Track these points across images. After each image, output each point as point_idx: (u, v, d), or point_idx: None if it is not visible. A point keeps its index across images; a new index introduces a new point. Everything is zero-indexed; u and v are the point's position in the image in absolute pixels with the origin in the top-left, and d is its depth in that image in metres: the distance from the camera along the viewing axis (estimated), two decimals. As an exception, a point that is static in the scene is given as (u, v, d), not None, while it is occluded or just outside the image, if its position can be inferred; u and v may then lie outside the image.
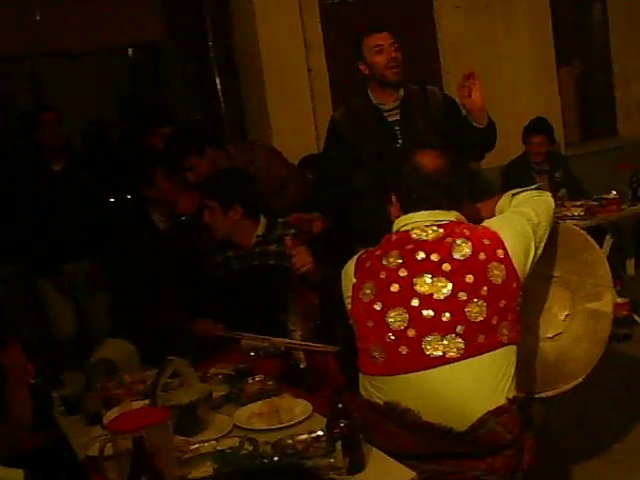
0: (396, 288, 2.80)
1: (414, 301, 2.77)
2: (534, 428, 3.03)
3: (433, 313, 2.74)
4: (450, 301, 2.75)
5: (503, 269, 2.79)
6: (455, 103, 4.38)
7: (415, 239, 2.88)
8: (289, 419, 2.95)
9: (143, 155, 5.60)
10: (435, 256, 2.81)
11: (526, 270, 2.88)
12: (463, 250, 2.80)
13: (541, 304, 3.32)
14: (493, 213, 3.19)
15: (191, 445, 2.76)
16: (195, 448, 2.74)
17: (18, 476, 2.53)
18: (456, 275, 2.77)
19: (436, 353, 2.72)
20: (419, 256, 2.83)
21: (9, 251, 5.24)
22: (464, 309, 2.73)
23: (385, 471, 2.53)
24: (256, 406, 3.10)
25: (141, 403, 3.11)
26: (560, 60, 8.07)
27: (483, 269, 2.77)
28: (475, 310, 2.73)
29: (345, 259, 3.08)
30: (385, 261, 2.87)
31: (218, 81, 6.70)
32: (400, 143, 4.33)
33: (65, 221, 5.26)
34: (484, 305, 2.74)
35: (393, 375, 2.78)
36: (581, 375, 3.26)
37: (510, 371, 2.80)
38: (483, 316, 2.74)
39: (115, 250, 4.79)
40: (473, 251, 2.80)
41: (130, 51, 7.69)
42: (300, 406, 3.05)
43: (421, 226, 2.90)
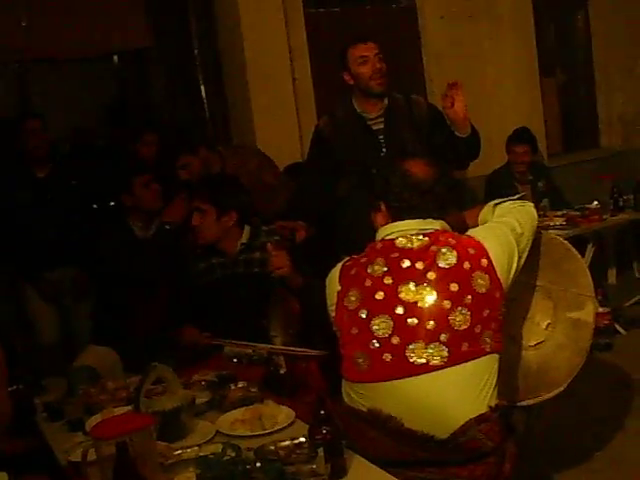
0: (381, 296, 2.81)
1: (399, 309, 2.78)
2: (516, 436, 3.04)
3: (417, 321, 2.75)
4: (434, 309, 2.75)
5: (487, 278, 2.81)
6: (439, 112, 4.40)
7: (400, 247, 2.89)
8: (272, 426, 2.96)
9: (123, 163, 5.63)
10: (420, 264, 2.82)
11: (509, 280, 2.90)
12: (448, 259, 2.81)
13: (524, 313, 3.34)
14: (476, 222, 3.21)
15: (174, 451, 2.76)
16: (178, 454, 2.74)
17: (2, 479, 2.53)
18: (441, 283, 2.78)
19: (420, 361, 2.73)
20: (404, 264, 2.84)
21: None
22: (448, 317, 2.74)
23: (367, 478, 2.54)
24: (239, 412, 3.10)
25: (124, 409, 3.11)
26: (543, 71, 8.14)
27: (468, 278, 2.79)
28: (459, 319, 2.74)
29: (328, 267, 3.09)
30: (370, 269, 2.88)
31: (203, 88, 6.71)
32: (384, 152, 4.34)
33: (50, 228, 5.25)
34: (468, 314, 2.75)
35: (376, 382, 2.78)
36: (563, 384, 3.29)
37: (492, 379, 2.81)
38: (467, 325, 2.75)
39: (94, 258, 4.79)
40: (458, 260, 2.81)
41: (115, 57, 7.68)
42: (283, 413, 3.06)
43: (406, 234, 2.91)
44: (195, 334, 4.09)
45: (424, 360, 2.72)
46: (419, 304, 2.76)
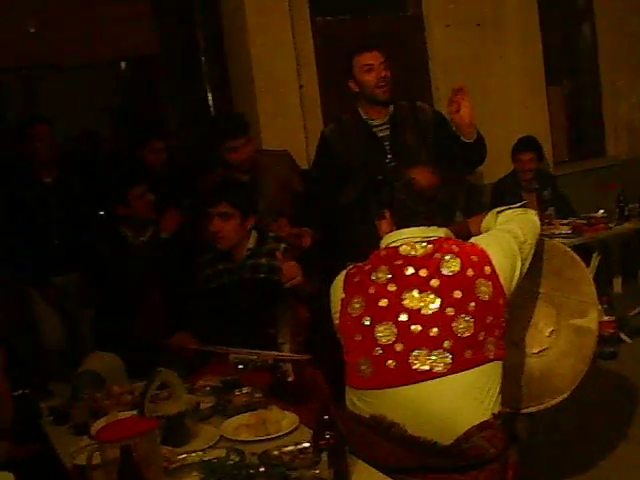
0: (385, 303, 2.82)
1: (402, 316, 2.79)
2: (519, 444, 3.05)
3: (421, 328, 2.76)
4: (438, 316, 2.77)
5: (490, 285, 2.82)
6: (445, 118, 4.42)
7: (404, 255, 2.90)
8: (276, 431, 2.97)
9: (129, 170, 5.64)
10: (424, 272, 2.84)
11: (512, 287, 2.91)
12: (451, 266, 2.83)
13: (527, 320, 3.35)
14: (480, 229, 3.23)
15: (178, 455, 2.77)
16: (182, 458, 2.76)
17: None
18: (444, 291, 2.79)
19: (423, 368, 2.74)
20: (408, 271, 2.85)
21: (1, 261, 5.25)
22: (452, 324, 2.75)
23: (370, 483, 2.56)
24: (243, 418, 3.12)
25: (128, 414, 3.12)
26: (549, 79, 8.13)
27: (471, 285, 2.80)
28: (462, 325, 2.75)
29: (334, 273, 3.10)
30: (374, 276, 2.89)
31: (210, 95, 6.74)
32: (389, 158, 4.36)
33: (55, 232, 5.27)
34: (471, 321, 2.76)
35: (380, 389, 2.80)
36: (566, 391, 3.29)
37: (496, 387, 2.82)
38: (470, 332, 2.76)
39: (90, 264, 4.82)
40: (461, 267, 2.82)
41: (123, 64, 7.71)
42: (287, 418, 3.07)
43: (410, 242, 2.93)
44: (184, 339, 4.09)
45: (427, 367, 2.73)
46: (423, 311, 2.77)
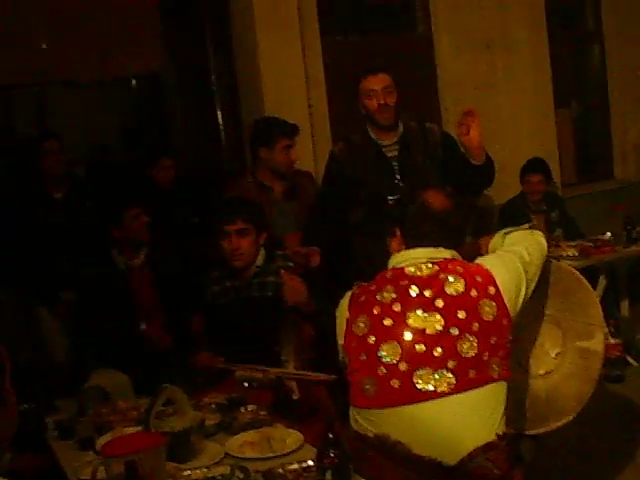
0: (389, 322, 2.83)
1: (407, 335, 2.79)
2: (523, 465, 3.05)
3: (425, 348, 2.76)
4: (442, 336, 2.77)
5: (494, 306, 2.83)
6: (453, 140, 4.44)
7: (409, 275, 2.91)
8: (281, 449, 2.98)
9: (139, 187, 5.67)
10: (428, 292, 2.85)
11: (517, 307, 2.91)
12: (456, 286, 2.83)
13: (533, 341, 3.35)
14: (487, 250, 3.24)
15: (183, 471, 2.79)
16: (187, 475, 2.77)
17: None
18: (448, 311, 2.80)
19: (427, 387, 2.74)
20: (413, 291, 2.86)
21: (8, 276, 5.26)
22: (456, 344, 2.76)
23: (374, 502, 2.56)
24: (248, 435, 3.12)
25: (134, 429, 3.14)
26: (558, 102, 8.15)
27: (475, 305, 2.81)
28: (466, 346, 2.76)
29: (341, 293, 3.11)
30: (379, 296, 2.90)
31: (219, 113, 6.77)
32: (398, 178, 4.38)
33: (65, 248, 5.28)
34: (475, 341, 2.77)
35: (384, 408, 2.80)
36: (572, 413, 3.27)
37: (500, 407, 2.82)
38: (474, 352, 2.76)
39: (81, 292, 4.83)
40: (465, 288, 2.83)
41: (133, 81, 7.76)
42: (292, 436, 3.08)
43: (416, 263, 2.94)
44: (209, 358, 4.10)
45: (431, 387, 2.74)
46: (427, 331, 2.78)
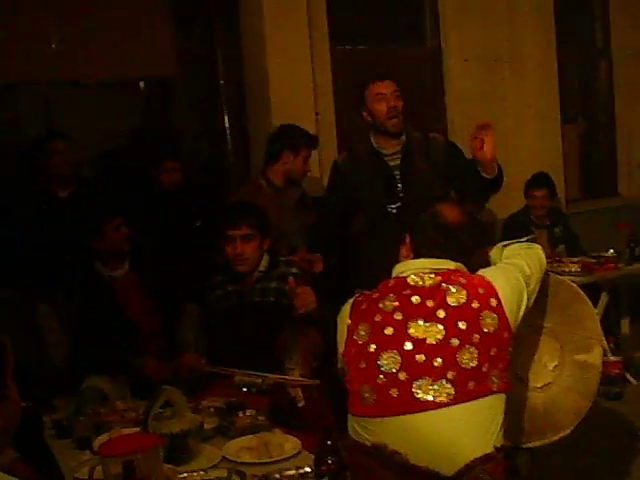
0: (390, 331, 2.83)
1: (407, 345, 2.79)
2: (520, 479, 3.05)
3: (425, 358, 2.76)
4: (442, 347, 2.77)
5: (496, 318, 2.83)
6: (457, 148, 4.45)
7: (412, 285, 2.92)
8: (278, 454, 2.98)
9: (144, 189, 5.67)
10: (430, 302, 2.85)
11: (517, 320, 2.92)
12: (457, 297, 2.84)
13: (531, 354, 3.35)
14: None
15: (180, 474, 2.79)
16: (183, 477, 2.77)
17: None
18: (449, 321, 2.80)
19: (426, 397, 2.74)
20: (415, 301, 2.86)
21: (9, 275, 5.26)
22: (456, 355, 2.76)
23: (370, 510, 2.56)
24: (246, 440, 3.13)
25: (132, 430, 3.14)
26: (565, 117, 8.17)
27: (476, 317, 2.81)
28: (466, 357, 2.76)
29: (344, 299, 3.12)
30: (382, 304, 2.90)
31: (227, 118, 6.79)
32: (399, 188, 4.38)
33: (67, 247, 5.29)
34: (475, 352, 2.77)
35: (382, 417, 2.79)
36: (569, 427, 3.27)
37: (498, 419, 2.82)
38: (474, 363, 2.76)
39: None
40: (467, 299, 2.83)
41: (141, 84, 7.75)
42: (290, 442, 3.08)
43: (419, 273, 2.95)
44: (193, 360, 4.11)
45: (430, 397, 2.73)
46: (428, 341, 2.78)
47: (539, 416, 3.31)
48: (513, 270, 3.02)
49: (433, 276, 2.92)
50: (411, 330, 2.81)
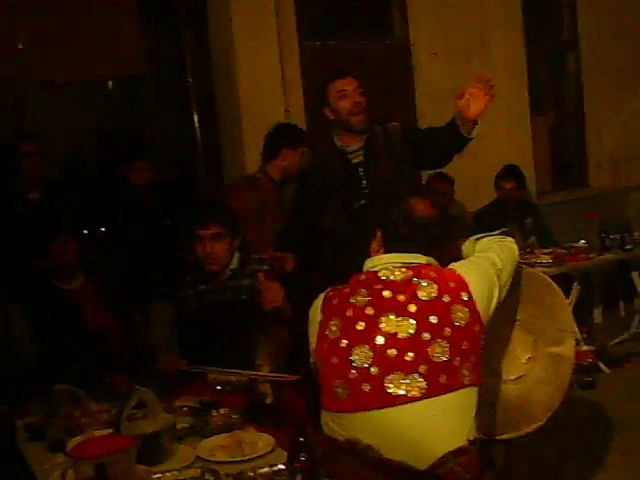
0: (362, 326, 2.83)
1: (379, 339, 2.79)
2: (495, 471, 3.06)
3: (397, 352, 2.76)
4: (414, 341, 2.77)
5: (467, 312, 2.83)
6: (411, 128, 4.44)
7: (383, 279, 2.92)
8: (252, 452, 2.98)
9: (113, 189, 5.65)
10: (401, 296, 2.85)
11: (489, 313, 2.92)
12: (428, 291, 2.84)
13: (504, 347, 3.36)
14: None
15: (153, 474, 2.78)
16: (157, 477, 2.76)
17: None
18: (421, 315, 2.80)
19: (398, 392, 2.74)
20: (386, 296, 2.86)
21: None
22: (427, 349, 2.76)
23: (344, 506, 2.56)
24: (219, 438, 3.12)
25: (105, 432, 3.12)
26: (534, 109, 8.21)
27: (447, 311, 2.81)
28: (438, 351, 2.76)
29: (315, 297, 3.11)
30: (353, 299, 2.90)
31: (196, 116, 6.77)
32: (364, 184, 4.36)
33: (39, 249, 5.25)
34: (447, 346, 2.77)
35: (355, 412, 2.79)
36: (542, 418, 3.29)
37: (471, 412, 2.83)
38: (446, 357, 2.76)
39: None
40: (438, 293, 2.84)
41: (110, 83, 7.73)
42: (263, 440, 3.07)
43: (390, 267, 2.95)
44: (173, 361, 4.09)
45: (402, 391, 2.73)
46: (399, 335, 2.78)
47: (513, 408, 3.33)
48: (485, 264, 3.03)
49: (404, 270, 2.92)
50: (382, 325, 2.81)
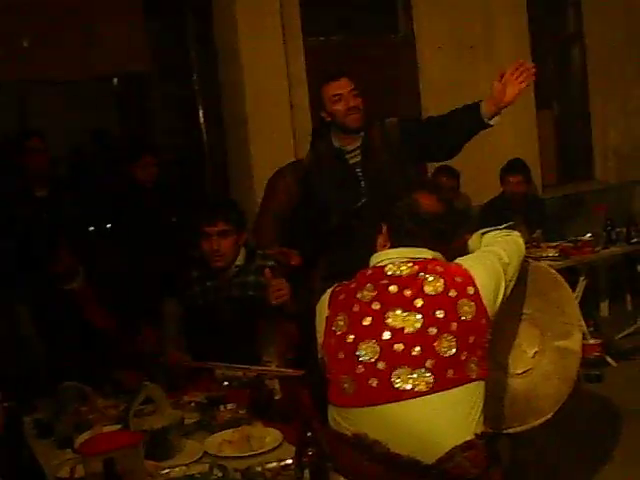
0: (368, 321, 2.84)
1: (385, 334, 2.80)
2: (502, 464, 3.06)
3: (403, 347, 2.77)
4: (420, 335, 2.78)
5: (473, 306, 2.83)
6: (412, 121, 4.42)
7: (389, 274, 2.92)
8: (259, 447, 2.98)
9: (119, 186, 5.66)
10: (408, 291, 2.85)
11: (495, 308, 2.92)
12: (435, 286, 2.84)
13: (511, 341, 3.36)
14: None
15: (161, 470, 2.79)
16: (165, 473, 2.77)
17: None
18: (427, 310, 2.80)
19: (405, 386, 2.75)
20: (392, 291, 2.87)
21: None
22: (434, 344, 2.76)
23: (352, 501, 2.57)
24: (227, 434, 3.12)
25: (113, 428, 3.14)
26: (539, 103, 8.20)
27: (453, 305, 2.81)
28: (445, 345, 2.76)
29: (322, 293, 3.11)
30: (360, 294, 2.91)
31: (201, 113, 6.78)
32: (362, 185, 4.34)
33: (47, 247, 5.26)
34: (454, 340, 2.77)
35: (362, 407, 2.80)
36: (549, 412, 3.29)
37: (478, 406, 2.83)
38: (452, 351, 2.77)
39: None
40: (444, 287, 2.84)
41: (115, 81, 7.73)
42: (271, 435, 3.08)
43: (396, 262, 2.95)
44: (177, 357, 4.10)
45: (410, 386, 2.74)
46: (406, 330, 2.78)
47: (520, 402, 3.33)
48: (491, 258, 3.02)
49: (410, 265, 2.92)
50: (389, 320, 2.82)
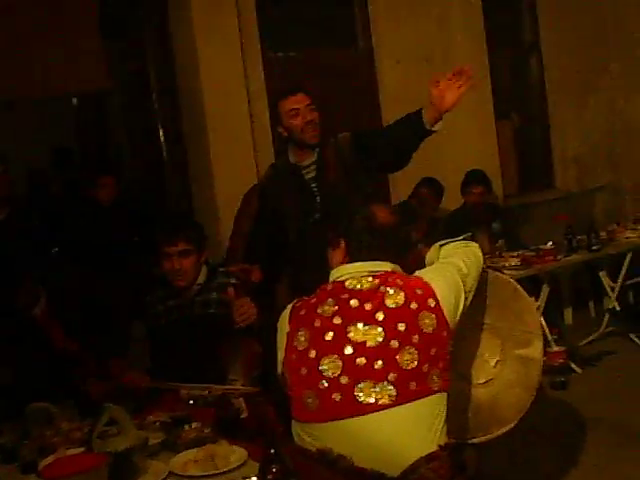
0: (330, 336, 2.85)
1: (347, 349, 2.81)
2: (467, 474, 3.07)
3: (366, 360, 2.78)
4: (382, 349, 2.79)
5: (434, 318, 2.85)
6: (362, 134, 4.42)
7: (350, 289, 2.93)
8: (224, 465, 2.97)
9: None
10: (369, 305, 2.87)
11: (456, 319, 2.94)
12: (395, 299, 2.86)
13: (472, 351, 3.38)
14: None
15: (126, 492, 2.77)
16: (130, 495, 2.76)
17: None
18: (389, 323, 2.82)
19: (368, 400, 2.76)
20: (353, 305, 2.88)
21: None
22: (396, 357, 2.78)
23: (317, 516, 2.57)
24: (192, 453, 3.10)
25: (77, 451, 3.11)
26: (499, 114, 8.26)
27: (414, 318, 2.83)
28: (406, 358, 2.78)
29: (284, 306, 3.11)
30: (320, 309, 2.92)
31: (161, 130, 6.76)
32: (318, 200, 4.35)
33: (7, 270, 5.23)
34: (415, 353, 2.79)
35: (325, 422, 2.81)
36: (513, 421, 3.32)
37: (441, 418, 2.85)
38: (414, 364, 2.78)
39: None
40: (405, 300, 2.85)
41: (74, 100, 7.69)
42: (236, 453, 3.06)
43: (356, 276, 2.96)
44: (136, 377, 4.07)
45: (373, 399, 2.75)
46: (367, 344, 2.79)
47: (483, 412, 3.35)
48: (450, 269, 3.05)
49: (370, 279, 2.94)
50: (351, 334, 2.83)
